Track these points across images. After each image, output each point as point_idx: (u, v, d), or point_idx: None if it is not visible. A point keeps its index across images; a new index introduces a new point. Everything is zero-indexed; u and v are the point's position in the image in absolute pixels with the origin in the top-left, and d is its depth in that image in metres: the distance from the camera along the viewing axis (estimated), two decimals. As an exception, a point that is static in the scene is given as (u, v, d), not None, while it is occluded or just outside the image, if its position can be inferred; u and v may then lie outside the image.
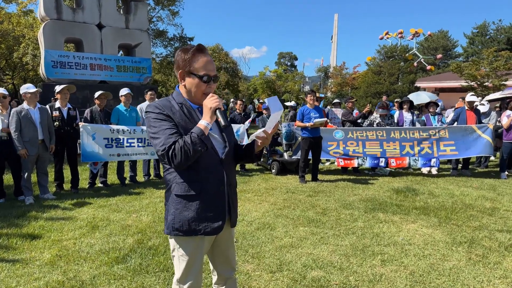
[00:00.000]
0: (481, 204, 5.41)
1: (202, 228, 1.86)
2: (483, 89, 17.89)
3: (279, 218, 4.77)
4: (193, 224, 1.85)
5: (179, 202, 1.85)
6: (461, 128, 7.60)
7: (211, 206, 1.87)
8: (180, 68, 1.85)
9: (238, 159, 2.09)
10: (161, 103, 1.84)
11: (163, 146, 1.73)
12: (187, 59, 1.82)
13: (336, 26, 46.75)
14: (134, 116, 6.85)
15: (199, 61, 1.82)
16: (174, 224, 1.86)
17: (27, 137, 5.46)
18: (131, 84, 11.78)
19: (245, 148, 2.07)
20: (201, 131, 1.74)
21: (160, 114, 1.80)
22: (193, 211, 1.84)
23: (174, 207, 1.86)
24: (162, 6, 24.22)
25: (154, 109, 1.82)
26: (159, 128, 1.77)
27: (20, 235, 4.12)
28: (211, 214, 1.87)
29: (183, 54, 1.84)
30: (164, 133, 1.75)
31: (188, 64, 1.82)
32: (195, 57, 1.82)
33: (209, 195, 1.86)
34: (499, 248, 3.77)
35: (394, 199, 5.73)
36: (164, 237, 4.07)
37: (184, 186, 1.84)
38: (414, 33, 29.59)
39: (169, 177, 1.89)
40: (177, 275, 1.96)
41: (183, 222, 1.85)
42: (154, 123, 1.80)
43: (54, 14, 10.98)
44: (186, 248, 1.90)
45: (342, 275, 3.23)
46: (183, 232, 1.86)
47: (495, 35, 42.27)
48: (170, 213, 1.87)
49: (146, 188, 6.47)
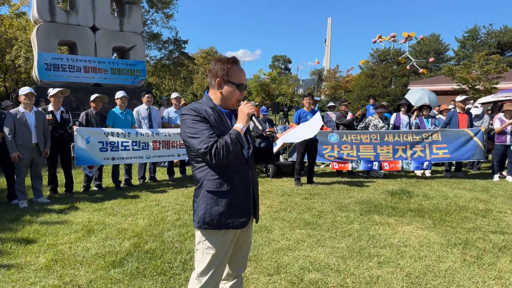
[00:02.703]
0: (474, 206, 5.48)
1: (231, 222, 2.00)
2: (474, 92, 18.14)
3: (276, 220, 4.78)
4: (222, 218, 1.98)
5: (210, 198, 1.98)
6: (454, 132, 7.70)
7: (239, 202, 2.02)
8: (218, 76, 2.00)
9: (257, 160, 2.25)
10: (197, 106, 2.00)
11: (205, 144, 1.86)
12: (226, 69, 1.98)
13: (329, 29, 47.12)
14: (129, 119, 6.83)
15: (236, 71, 2.01)
16: (205, 218, 1.98)
17: (21, 140, 5.41)
18: (125, 86, 11.75)
19: (264, 150, 2.24)
20: (238, 133, 1.92)
21: (198, 116, 1.94)
22: (223, 206, 1.98)
23: (205, 202, 1.99)
24: (156, 9, 24.21)
25: (191, 111, 1.96)
26: (198, 129, 1.92)
27: (15, 240, 4.07)
28: (239, 209, 2.02)
29: (222, 64, 2.00)
30: (203, 133, 1.90)
31: (227, 73, 1.99)
32: (233, 67, 2.00)
33: (237, 192, 2.01)
34: (493, 249, 3.82)
35: (389, 201, 5.77)
36: (160, 241, 4.06)
37: (215, 183, 1.97)
38: (407, 36, 29.94)
39: (200, 175, 2.02)
40: (198, 269, 2.05)
41: (214, 216, 1.98)
42: (192, 124, 1.94)
43: (47, 16, 10.93)
44: (213, 241, 2.01)
45: (339, 277, 3.24)
46: (213, 226, 1.99)
47: (486, 39, 42.92)
48: (201, 208, 2.00)
49: (141, 191, 6.44)
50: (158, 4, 23.85)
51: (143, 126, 7.08)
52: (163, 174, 8.00)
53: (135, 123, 6.98)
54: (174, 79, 29.40)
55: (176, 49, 26.13)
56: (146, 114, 7.22)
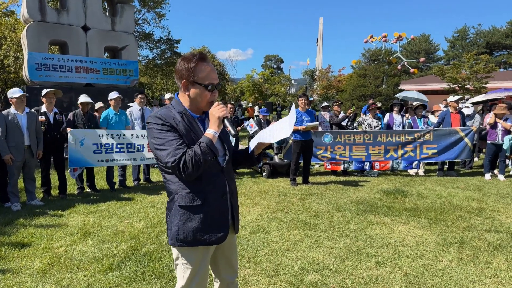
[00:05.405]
0: (468, 204, 5.56)
1: (207, 238, 1.85)
2: (464, 91, 18.39)
3: (273, 221, 4.79)
4: (197, 235, 1.83)
5: (183, 213, 1.83)
6: (445, 131, 7.81)
7: (215, 215, 1.87)
8: (183, 78, 1.81)
9: (237, 164, 2.11)
10: (163, 114, 1.80)
11: (173, 158, 1.70)
12: (191, 68, 1.79)
13: (321, 29, 47.28)
14: (123, 120, 6.76)
15: (203, 70, 1.80)
16: (179, 235, 1.84)
17: (13, 142, 5.31)
18: (118, 87, 11.62)
19: (245, 152, 2.08)
20: (209, 141, 1.74)
21: (164, 125, 1.76)
22: (198, 222, 1.83)
23: (178, 218, 1.84)
24: (148, 8, 24.00)
25: (157, 120, 1.78)
26: (165, 139, 1.74)
27: (9, 244, 4.00)
28: (215, 223, 1.87)
29: (186, 63, 1.80)
30: (170, 144, 1.73)
31: (192, 73, 1.79)
32: (198, 66, 1.79)
33: (213, 205, 1.85)
34: (488, 248, 3.88)
35: (384, 201, 5.82)
36: (158, 243, 4.03)
37: (188, 197, 1.82)
38: (398, 36, 30.19)
39: (171, 188, 1.86)
40: (180, 284, 1.94)
41: (187, 233, 1.83)
42: (158, 134, 1.76)
43: (38, 15, 10.74)
44: (190, 258, 1.89)
45: (338, 277, 3.26)
46: (188, 243, 1.84)
47: (475, 39, 43.56)
48: (174, 224, 1.85)
49: (136, 193, 6.38)
50: (150, 3, 23.65)
51: (136, 127, 7.02)
52: (157, 175, 7.94)
53: (130, 124, 6.92)
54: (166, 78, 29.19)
55: (168, 49, 25.95)
56: (139, 114, 7.16)
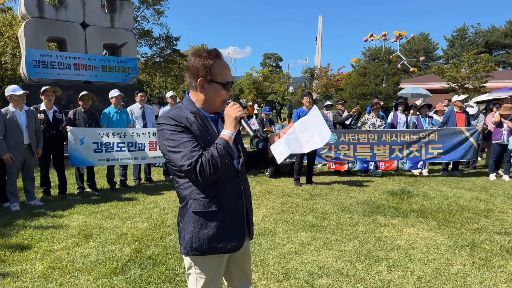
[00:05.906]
0: (475, 205, 5.48)
1: (223, 246, 1.75)
2: (464, 90, 18.35)
3: (279, 223, 4.69)
4: (213, 243, 1.73)
5: (197, 220, 1.72)
6: (450, 131, 7.73)
7: (231, 221, 1.77)
8: (200, 75, 1.68)
9: (250, 166, 2.01)
10: (176, 114, 1.68)
11: (188, 160, 1.58)
12: (209, 66, 1.67)
13: (320, 28, 47.12)
14: (125, 119, 6.64)
15: (220, 67, 1.70)
16: (193, 243, 1.72)
17: (12, 141, 5.18)
18: (117, 84, 11.47)
19: (258, 153, 1.98)
20: (226, 142, 1.63)
21: (177, 126, 1.64)
22: (213, 229, 1.72)
23: (192, 225, 1.72)
24: (147, 5, 23.82)
25: (169, 120, 1.66)
26: (179, 141, 1.62)
27: (9, 246, 3.88)
28: (231, 230, 1.77)
29: (203, 60, 1.68)
30: (185, 146, 1.61)
31: (210, 71, 1.67)
32: (216, 63, 1.68)
33: (228, 211, 1.75)
34: (500, 251, 3.79)
35: (390, 201, 5.73)
36: (162, 246, 3.92)
37: (203, 202, 1.70)
38: (398, 35, 30.14)
39: (184, 193, 1.74)
40: None
41: (202, 240, 1.72)
42: (171, 135, 1.64)
43: (35, 12, 10.58)
44: (204, 267, 1.78)
45: (350, 282, 3.16)
46: (202, 251, 1.73)
47: (474, 38, 43.56)
48: (188, 232, 1.73)
49: (137, 193, 6.26)
50: (149, 0, 23.47)
51: (136, 126, 6.90)
52: (158, 174, 7.82)
53: (131, 123, 6.80)
54: (165, 76, 29.03)
55: (167, 46, 25.80)
56: (140, 113, 7.04)
